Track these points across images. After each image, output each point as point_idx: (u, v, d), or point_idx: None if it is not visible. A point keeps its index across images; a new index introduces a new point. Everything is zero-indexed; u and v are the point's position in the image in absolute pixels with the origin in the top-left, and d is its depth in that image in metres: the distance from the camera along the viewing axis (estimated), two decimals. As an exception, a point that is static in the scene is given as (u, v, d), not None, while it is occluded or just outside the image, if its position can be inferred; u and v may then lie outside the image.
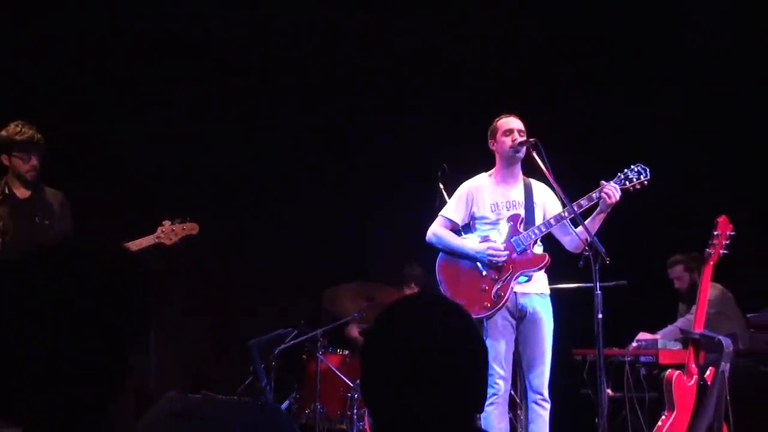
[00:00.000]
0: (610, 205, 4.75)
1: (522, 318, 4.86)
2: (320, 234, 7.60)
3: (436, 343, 1.72)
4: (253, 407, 3.12)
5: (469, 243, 4.96)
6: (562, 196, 4.73)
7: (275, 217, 7.50)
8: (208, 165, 7.26)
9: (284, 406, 6.26)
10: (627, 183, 4.83)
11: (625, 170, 4.87)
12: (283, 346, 6.15)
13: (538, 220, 4.95)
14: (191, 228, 5.23)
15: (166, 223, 5.15)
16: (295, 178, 7.57)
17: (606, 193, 4.73)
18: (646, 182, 4.85)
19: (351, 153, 7.79)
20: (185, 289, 7.10)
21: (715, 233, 5.31)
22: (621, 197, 4.77)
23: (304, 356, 6.48)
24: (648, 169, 4.86)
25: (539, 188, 5.06)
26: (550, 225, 4.87)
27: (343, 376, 6.18)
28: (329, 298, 6.42)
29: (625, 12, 7.33)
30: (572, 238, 4.95)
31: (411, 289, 7.08)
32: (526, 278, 4.87)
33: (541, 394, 4.80)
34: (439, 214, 5.13)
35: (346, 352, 6.51)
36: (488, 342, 4.71)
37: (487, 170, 5.17)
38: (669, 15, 7.29)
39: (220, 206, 7.03)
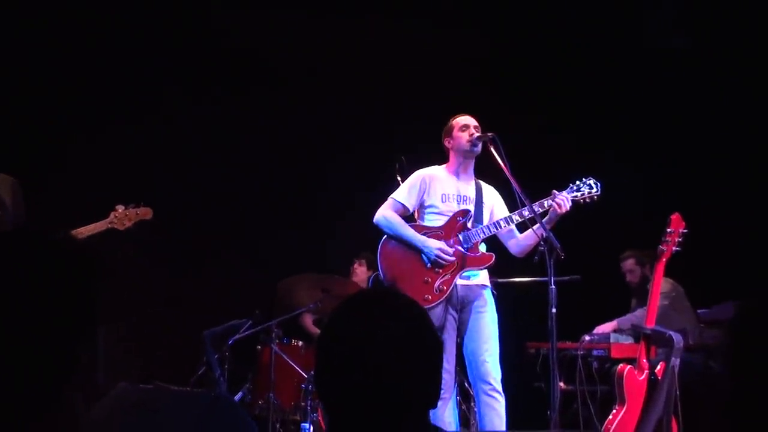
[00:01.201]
0: (560, 214, 4.77)
1: (463, 309, 4.86)
2: (275, 224, 7.56)
3: (389, 338, 1.72)
4: (205, 398, 3.08)
5: (419, 235, 4.93)
6: (518, 190, 4.74)
7: (231, 206, 7.44)
8: (164, 152, 7.18)
9: (238, 397, 6.21)
10: (578, 194, 4.88)
11: (577, 182, 4.92)
12: (237, 336, 6.09)
13: (485, 219, 4.99)
14: (145, 213, 5.15)
15: (120, 207, 5.05)
16: (250, 169, 7.51)
17: (557, 203, 4.77)
18: (595, 197, 4.91)
19: (307, 144, 7.75)
20: (139, 278, 7.02)
21: (669, 230, 5.38)
22: (571, 208, 4.80)
23: (259, 347, 6.44)
24: (599, 184, 4.91)
25: (489, 191, 5.11)
26: (500, 226, 4.90)
27: (297, 367, 6.16)
28: (284, 288, 6.37)
29: (578, 14, 7.39)
30: (518, 242, 4.98)
31: (360, 266, 7.08)
32: (469, 275, 4.88)
33: (490, 384, 4.77)
34: (391, 196, 5.09)
35: (301, 342, 6.49)
36: None
37: (443, 163, 5.18)
38: (625, 17, 7.36)
39: (175, 194, 6.95)
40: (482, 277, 4.97)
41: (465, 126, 4.99)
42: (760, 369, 1.30)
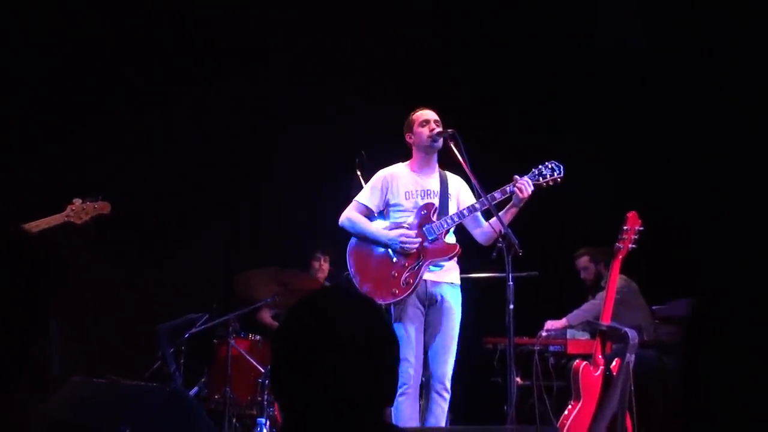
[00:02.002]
0: (523, 199, 4.79)
1: (431, 306, 4.88)
2: (234, 218, 7.52)
3: (345, 336, 1.72)
4: (160, 392, 3.06)
5: (382, 230, 4.96)
6: (477, 186, 4.77)
7: (187, 199, 7.38)
8: (120, 145, 7.11)
9: (193, 391, 6.18)
10: (540, 179, 4.89)
11: (539, 166, 4.92)
12: (193, 330, 6.05)
13: (452, 210, 4.99)
14: (103, 207, 5.09)
15: (77, 201, 4.99)
16: (207, 162, 7.46)
17: (518, 188, 4.78)
18: (559, 179, 4.92)
19: (267, 137, 7.72)
20: (94, 271, 6.94)
21: (625, 228, 5.42)
22: (533, 192, 4.82)
23: (215, 341, 6.41)
24: (562, 167, 4.92)
25: (454, 180, 5.10)
26: (463, 216, 4.91)
27: (254, 362, 6.13)
28: (241, 282, 6.34)
29: (537, 10, 7.45)
30: (483, 231, 5.00)
31: (318, 261, 7.06)
32: (435, 267, 4.89)
33: (443, 384, 4.82)
34: (354, 199, 5.12)
35: (258, 337, 6.47)
36: (399, 330, 4.72)
37: (405, 159, 5.18)
38: (580, 14, 7.43)
39: (132, 187, 6.88)
40: (452, 274, 4.98)
41: (425, 121, 5.00)
42: (711, 368, 1.32)
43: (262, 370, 6.05)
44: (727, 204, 6.85)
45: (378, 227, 5.00)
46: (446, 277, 4.94)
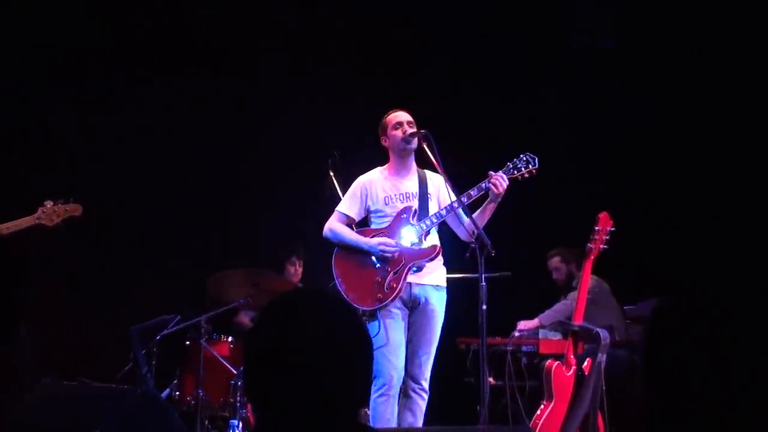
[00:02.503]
0: (499, 194, 4.82)
1: (414, 308, 4.91)
2: (205, 219, 7.49)
3: (318, 337, 1.73)
4: (131, 395, 3.06)
5: (362, 237, 4.98)
6: (451, 186, 4.79)
7: (159, 200, 7.34)
8: (92, 146, 7.07)
9: (165, 393, 6.15)
10: (515, 172, 4.91)
11: (514, 160, 4.95)
12: (165, 331, 6.03)
13: (432, 210, 5.00)
14: (74, 209, 5.07)
15: (48, 203, 4.97)
16: (180, 162, 7.43)
17: (494, 183, 4.81)
18: (534, 171, 4.94)
19: (240, 138, 7.70)
20: (65, 272, 6.90)
21: (596, 228, 5.47)
22: (508, 186, 4.85)
23: (188, 342, 6.38)
24: (536, 159, 4.95)
25: (434, 178, 5.10)
26: (441, 216, 4.94)
27: (226, 363, 6.12)
28: (214, 283, 6.32)
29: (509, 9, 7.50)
30: (463, 229, 5.02)
31: (293, 265, 7.06)
32: (417, 269, 4.91)
33: (420, 384, 4.85)
34: (335, 209, 5.14)
35: (230, 338, 6.44)
36: (382, 332, 4.75)
37: (380, 160, 5.20)
38: (554, 15, 7.49)
39: (104, 189, 6.85)
40: (437, 276, 5.00)
41: (398, 123, 5.01)
42: (672, 370, 1.35)
43: (235, 372, 6.04)
44: (697, 205, 6.93)
45: (359, 235, 5.02)
46: (431, 280, 4.96)
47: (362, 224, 5.16)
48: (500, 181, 4.81)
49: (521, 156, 4.96)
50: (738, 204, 6.66)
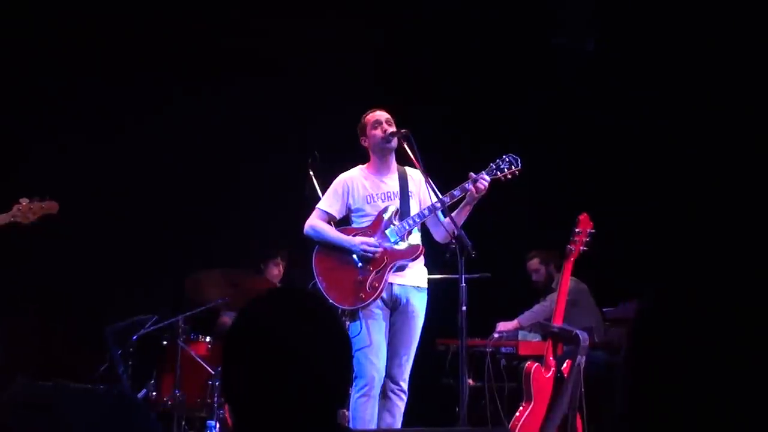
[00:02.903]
0: (477, 197, 4.82)
1: (395, 309, 4.90)
2: (183, 218, 7.45)
3: (297, 336, 1.72)
4: (107, 395, 3.04)
5: (345, 236, 4.97)
6: (432, 187, 4.79)
7: (137, 199, 7.30)
8: (67, 143, 7.02)
9: (141, 394, 6.11)
10: (498, 173, 4.92)
11: (497, 160, 4.95)
12: (142, 331, 6.00)
13: (414, 209, 5.00)
14: (51, 207, 5.05)
15: (24, 200, 4.93)
16: (156, 160, 7.39)
17: (474, 187, 4.81)
18: (517, 172, 4.95)
19: (217, 135, 7.67)
20: (40, 271, 6.85)
21: (576, 230, 5.49)
22: (489, 188, 4.85)
23: (165, 342, 6.34)
24: (519, 159, 4.96)
25: (414, 176, 5.10)
26: (424, 216, 4.93)
27: (204, 363, 6.09)
28: (192, 283, 6.29)
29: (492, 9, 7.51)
30: (441, 230, 5.02)
31: (277, 266, 7.03)
32: (399, 268, 4.90)
33: (399, 385, 4.85)
34: (316, 207, 5.12)
35: (208, 338, 6.42)
36: (363, 332, 4.74)
37: (361, 159, 5.19)
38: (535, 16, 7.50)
39: (79, 186, 6.80)
40: (419, 277, 4.99)
41: (377, 122, 5.01)
42: (655, 370, 1.35)
43: (213, 372, 6.01)
44: (676, 205, 6.97)
45: (341, 234, 5.01)
46: (412, 280, 4.96)
47: (342, 223, 5.15)
48: (482, 183, 4.81)
49: (504, 156, 4.96)
50: (721, 205, 6.70)
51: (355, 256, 4.89)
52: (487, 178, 4.84)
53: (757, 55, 6.56)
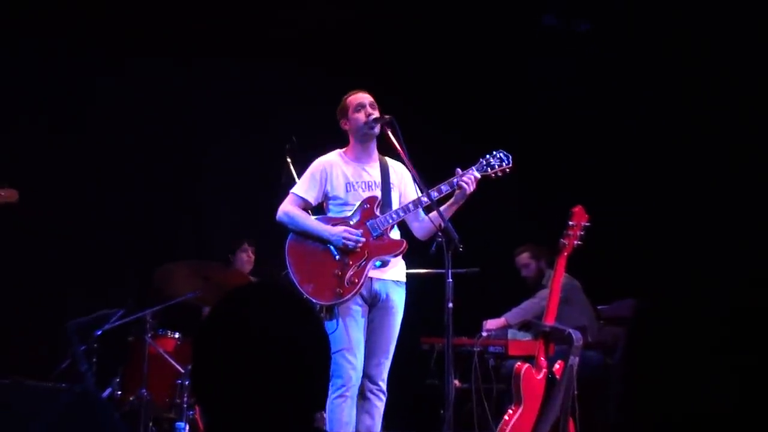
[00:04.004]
0: (466, 195, 4.79)
1: (374, 305, 4.86)
2: (150, 207, 7.41)
3: (271, 337, 1.71)
4: (68, 394, 3.00)
5: (323, 225, 4.89)
6: (417, 179, 4.74)
7: (101, 189, 7.26)
8: (30, 131, 6.99)
9: (106, 392, 6.07)
10: (489, 169, 4.88)
11: (487, 156, 4.92)
12: (107, 326, 5.95)
13: (395, 201, 4.94)
14: (10, 195, 5.02)
15: None
16: (125, 150, 7.34)
17: (465, 182, 4.77)
18: (507, 169, 4.92)
19: (188, 124, 7.63)
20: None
21: (570, 223, 5.46)
22: (476, 187, 4.82)
23: (131, 338, 6.30)
24: (510, 157, 4.93)
25: (396, 168, 5.04)
26: (408, 210, 4.87)
27: (173, 361, 6.05)
28: (161, 276, 6.25)
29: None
30: (421, 225, 4.96)
31: (245, 251, 6.99)
32: (381, 264, 4.87)
33: (378, 385, 4.80)
34: (290, 191, 5.02)
35: (177, 334, 6.38)
36: (340, 329, 4.70)
37: (340, 145, 5.13)
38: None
39: (42, 176, 6.75)
40: (398, 271, 4.94)
41: (360, 105, 4.94)
42: (653, 368, 1.34)
43: (182, 371, 5.98)
44: (672, 203, 6.99)
45: (319, 222, 4.95)
46: (391, 275, 4.90)
47: (317, 211, 5.08)
48: (471, 181, 4.77)
49: (494, 153, 4.93)
50: (717, 202, 6.72)
51: (332, 248, 4.84)
52: (477, 174, 4.81)
53: (754, 54, 6.59)
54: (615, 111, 7.41)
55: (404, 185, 5.01)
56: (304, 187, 4.99)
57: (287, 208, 4.94)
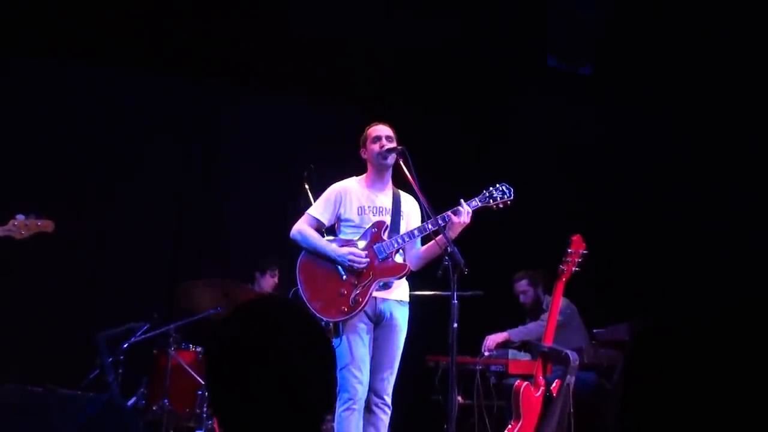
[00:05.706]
0: (463, 226, 4.78)
1: (379, 323, 4.88)
2: (177, 227, 7.44)
3: (281, 348, 1.72)
4: (96, 402, 3.02)
5: (332, 245, 4.94)
6: (426, 206, 4.77)
7: (131, 206, 7.30)
8: (54, 154, 7.05)
9: (131, 402, 6.08)
10: (491, 201, 4.91)
11: (490, 188, 4.95)
12: (133, 339, 5.98)
13: (402, 229, 4.98)
14: (46, 226, 5.06)
15: (20, 217, 4.94)
16: (151, 170, 7.39)
17: (459, 211, 4.76)
18: (509, 202, 4.94)
19: (213, 147, 7.67)
20: (32, 277, 6.83)
21: (569, 251, 5.50)
22: (479, 212, 4.84)
23: (155, 351, 6.32)
24: (512, 190, 4.96)
25: (407, 200, 5.10)
26: (414, 236, 4.90)
27: (194, 373, 6.07)
28: (185, 292, 6.28)
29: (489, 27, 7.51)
30: (416, 254, 4.98)
31: (273, 277, 6.99)
32: (384, 285, 4.88)
33: (383, 399, 4.83)
34: (306, 212, 5.09)
35: (199, 348, 6.39)
36: (344, 345, 4.72)
37: (356, 173, 5.18)
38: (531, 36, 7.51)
39: (73, 195, 6.81)
40: (401, 292, 4.98)
41: (377, 137, 5.00)
42: (651, 391, 1.34)
43: (202, 382, 5.99)
44: (668, 229, 6.98)
45: (329, 243, 4.99)
46: (395, 295, 4.94)
47: (330, 232, 5.11)
48: (465, 216, 4.76)
49: (497, 185, 4.95)
50: (710, 227, 6.71)
51: (339, 268, 4.87)
52: (469, 209, 4.80)
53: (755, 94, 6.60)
54: (615, 135, 7.39)
55: (412, 218, 5.05)
56: (320, 209, 5.04)
57: (301, 227, 5.00)
